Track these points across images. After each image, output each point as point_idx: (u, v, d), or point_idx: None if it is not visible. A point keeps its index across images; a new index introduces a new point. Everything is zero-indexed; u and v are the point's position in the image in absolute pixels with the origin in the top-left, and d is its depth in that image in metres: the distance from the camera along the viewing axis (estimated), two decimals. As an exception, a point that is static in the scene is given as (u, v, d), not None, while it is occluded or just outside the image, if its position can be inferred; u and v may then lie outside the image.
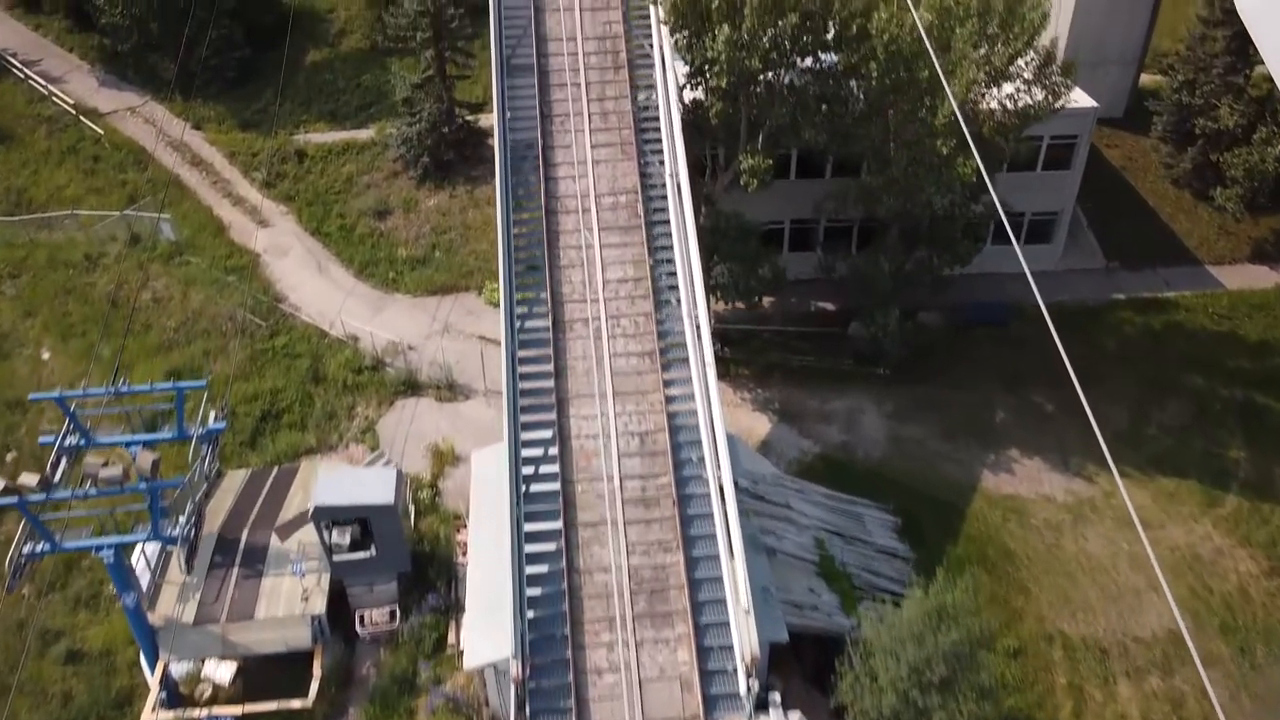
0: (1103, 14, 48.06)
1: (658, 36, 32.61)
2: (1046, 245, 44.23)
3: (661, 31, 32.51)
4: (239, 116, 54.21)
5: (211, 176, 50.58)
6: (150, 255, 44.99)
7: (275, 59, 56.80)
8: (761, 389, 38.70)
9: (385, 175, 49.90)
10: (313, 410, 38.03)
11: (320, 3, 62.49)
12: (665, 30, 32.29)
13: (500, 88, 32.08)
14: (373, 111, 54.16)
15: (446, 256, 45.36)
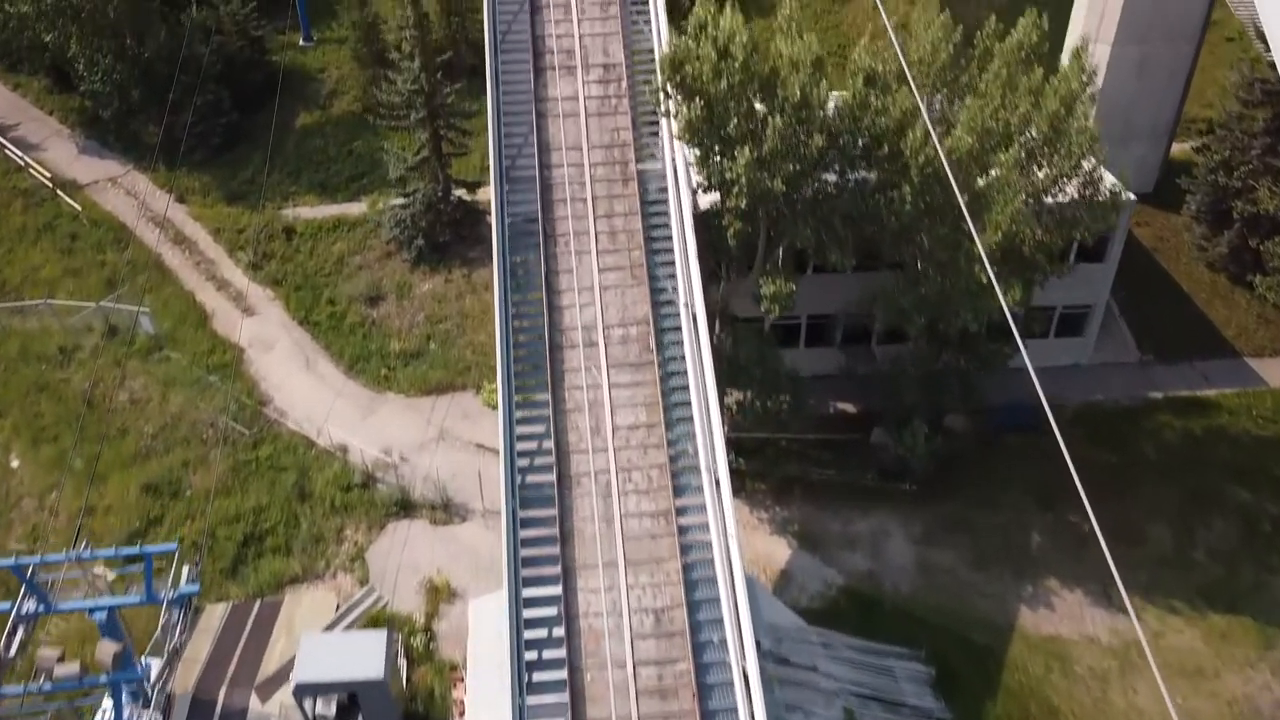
0: (1133, 88, 45.68)
1: (670, 150, 30.17)
2: (1079, 339, 41.76)
3: (673, 142, 30.07)
4: (225, 187, 51.72)
5: (195, 256, 48.06)
6: (128, 350, 42.43)
7: (264, 121, 54.35)
8: (780, 507, 36.16)
9: (378, 255, 47.40)
10: (298, 533, 35.48)
11: (310, 61, 60.07)
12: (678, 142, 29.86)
13: (500, 205, 29.59)
14: (365, 183, 51.68)
15: (442, 349, 42.84)
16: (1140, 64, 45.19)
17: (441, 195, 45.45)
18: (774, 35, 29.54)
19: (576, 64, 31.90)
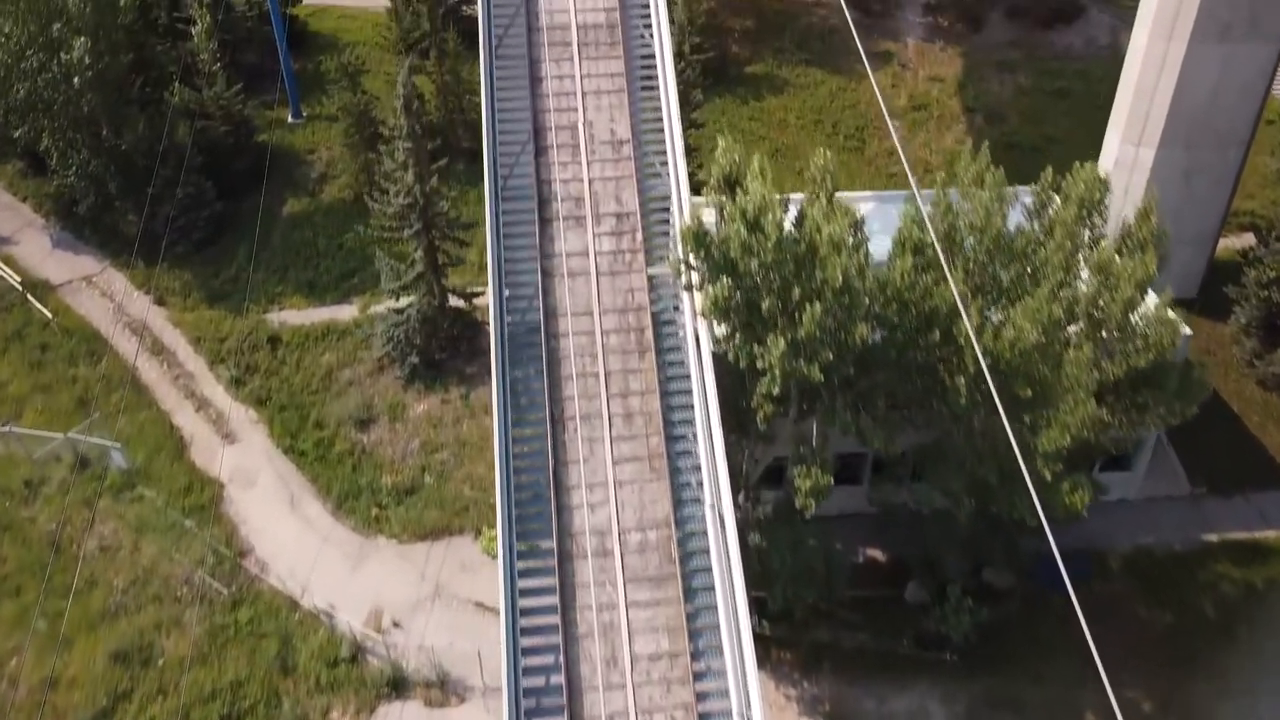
0: (1177, 194, 42.64)
1: (692, 322, 27.10)
2: (1127, 473, 38.68)
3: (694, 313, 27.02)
4: (207, 287, 48.59)
5: (174, 369, 44.92)
6: (98, 488, 39.24)
7: (250, 209, 51.36)
8: (808, 682, 33.01)
9: (369, 370, 44.28)
10: (280, 714, 32.28)
11: (299, 141, 57.01)
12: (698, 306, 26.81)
13: (502, 389, 26.45)
14: (356, 281, 48.64)
15: (438, 484, 39.67)
16: (1186, 171, 42.25)
17: (437, 308, 42.34)
18: (810, 204, 26.37)
19: (586, 213, 28.87)
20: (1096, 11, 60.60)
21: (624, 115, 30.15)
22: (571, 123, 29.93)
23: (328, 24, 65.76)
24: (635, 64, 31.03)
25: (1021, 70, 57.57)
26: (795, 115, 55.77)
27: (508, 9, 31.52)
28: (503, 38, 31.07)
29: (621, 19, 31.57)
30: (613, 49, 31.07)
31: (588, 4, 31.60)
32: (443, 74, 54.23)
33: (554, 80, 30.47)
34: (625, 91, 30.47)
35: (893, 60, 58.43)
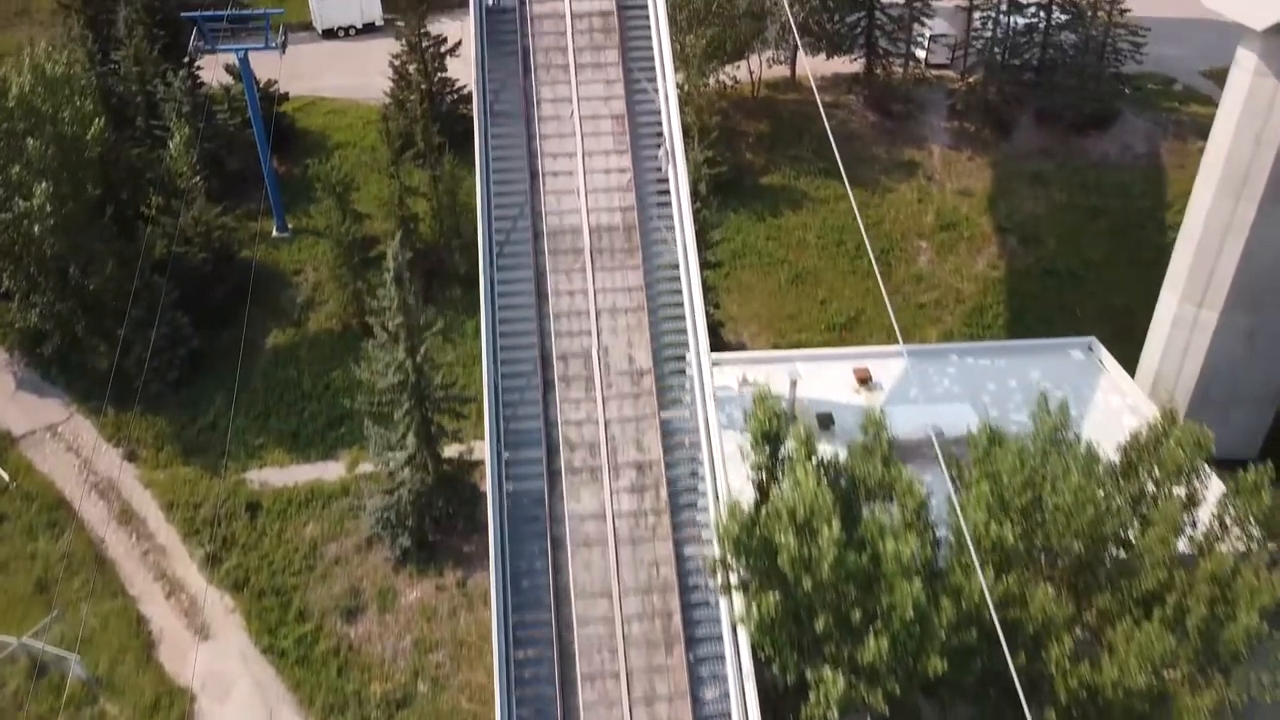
0: (1240, 355, 39.18)
1: (729, 616, 23.36)
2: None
3: (732, 604, 23.24)
4: (182, 437, 44.82)
5: (143, 542, 41.09)
6: (55, 703, 35.35)
7: (230, 341, 47.63)
8: None
9: (356, 545, 40.45)
10: None
11: (285, 258, 53.34)
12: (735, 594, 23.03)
13: (505, 693, 22.67)
14: (343, 431, 44.92)
15: (433, 693, 35.86)
16: (1250, 333, 38.71)
17: (431, 487, 38.55)
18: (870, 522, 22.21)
19: (601, 463, 25.15)
20: (1132, 115, 57.08)
21: (643, 339, 26.54)
22: (584, 349, 26.29)
23: (315, 120, 62.16)
24: (655, 274, 27.36)
25: (1055, 183, 53.99)
26: (815, 234, 52.15)
27: (510, 209, 27.89)
28: (504, 244, 27.39)
29: (639, 219, 27.92)
30: (630, 257, 27.47)
31: (601, 203, 27.97)
32: (438, 194, 50.61)
33: (564, 296, 26.79)
34: (645, 309, 26.82)
35: (918, 171, 54.84)
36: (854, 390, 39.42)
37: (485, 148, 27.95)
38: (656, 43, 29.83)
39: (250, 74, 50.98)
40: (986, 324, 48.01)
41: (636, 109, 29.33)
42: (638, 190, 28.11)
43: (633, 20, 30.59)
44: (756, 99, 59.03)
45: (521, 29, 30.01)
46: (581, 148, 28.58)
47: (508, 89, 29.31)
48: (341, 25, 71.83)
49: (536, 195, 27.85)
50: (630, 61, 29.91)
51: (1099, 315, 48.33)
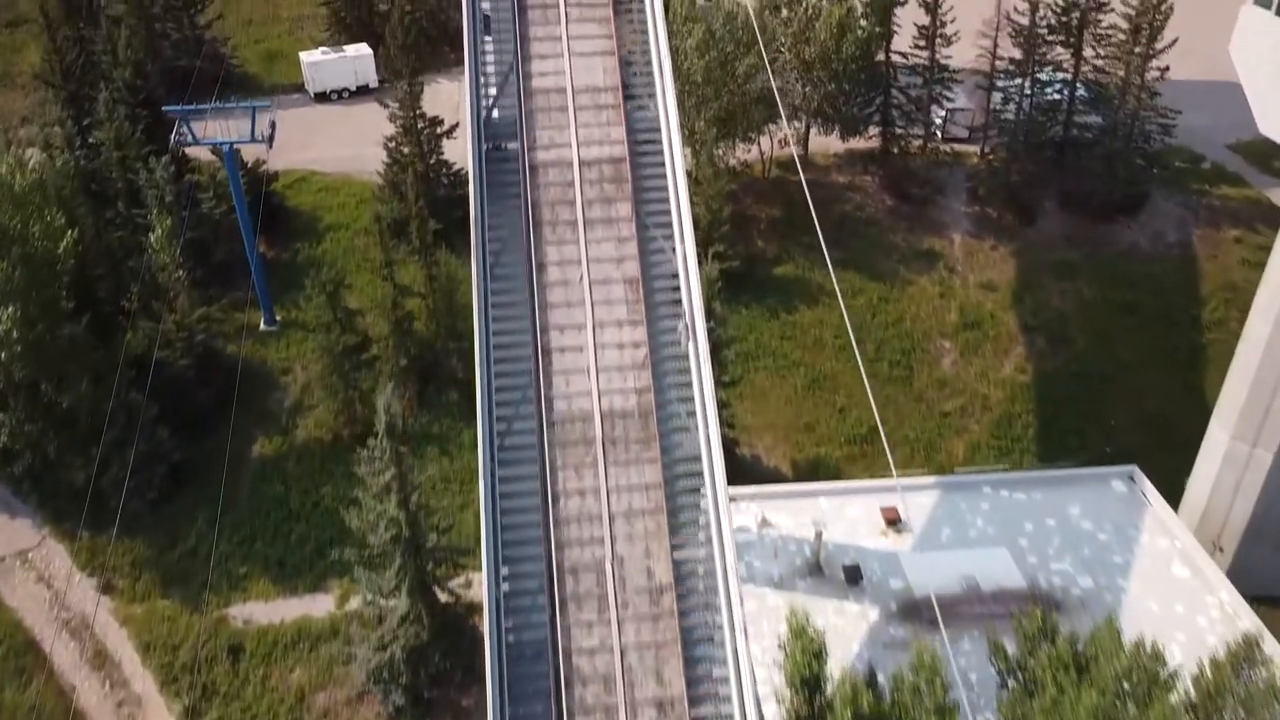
0: (1296, 494, 36.59)
1: None
2: None
3: None
4: (161, 564, 42.09)
5: (118, 690, 38.30)
6: None
7: (214, 449, 45.08)
8: None
9: (347, 696, 37.70)
10: None
11: (273, 354, 50.67)
12: None
13: None
14: (333, 559, 42.07)
15: None
16: (1309, 471, 36.12)
17: (427, 641, 35.74)
18: None
19: (617, 700, 22.37)
20: (1162, 199, 54.52)
21: (663, 548, 23.77)
22: (596, 560, 23.55)
23: (307, 198, 59.52)
24: (674, 469, 24.64)
25: (1083, 275, 51.34)
26: (832, 333, 49.44)
27: (513, 391, 25.19)
28: (506, 435, 24.68)
29: (656, 402, 25.21)
30: (646, 448, 24.76)
31: (614, 383, 25.30)
32: (433, 293, 47.90)
33: (573, 498, 24.07)
34: (663, 511, 24.08)
35: (939, 262, 52.18)
36: (881, 532, 36.80)
37: (485, 324, 25.25)
38: (674, 197, 27.18)
39: (235, 168, 48.33)
40: (1015, 435, 45.33)
41: (652, 271, 26.69)
42: (654, 368, 25.42)
43: (646, 167, 27.97)
44: (767, 179, 56.43)
45: (525, 179, 27.31)
46: (592, 318, 25.92)
47: (509, 250, 26.65)
48: (334, 88, 69.27)
49: (542, 376, 25.12)
50: (644, 215, 27.23)
51: (1134, 424, 45.76)
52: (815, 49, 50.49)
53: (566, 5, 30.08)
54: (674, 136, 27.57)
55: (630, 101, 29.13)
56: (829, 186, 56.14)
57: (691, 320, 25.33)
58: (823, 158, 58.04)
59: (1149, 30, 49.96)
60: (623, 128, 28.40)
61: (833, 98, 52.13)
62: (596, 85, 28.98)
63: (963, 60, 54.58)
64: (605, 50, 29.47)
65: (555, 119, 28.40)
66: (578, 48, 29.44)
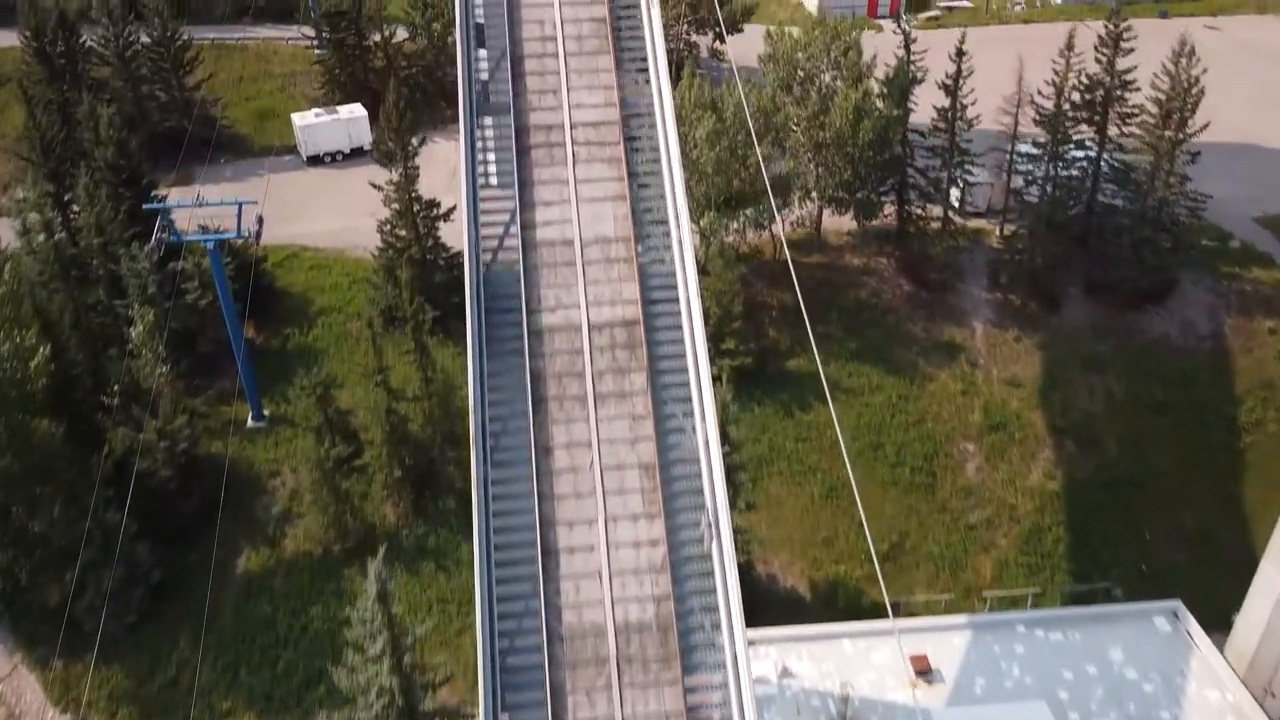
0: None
1: None
2: None
3: None
4: (140, 696, 39.76)
5: None
6: None
7: (197, 561, 42.92)
8: None
9: None
10: None
11: (260, 454, 48.15)
12: None
13: None
14: (322, 691, 39.57)
15: None
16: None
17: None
18: None
19: None
20: (1190, 284, 52.14)
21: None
22: None
23: (298, 277, 57.10)
24: (698, 694, 22.14)
25: (1112, 369, 48.92)
26: (850, 434, 46.92)
27: (516, 602, 22.69)
28: (509, 652, 22.19)
29: (676, 613, 22.73)
30: (667, 668, 22.20)
31: (630, 590, 22.82)
32: (429, 395, 45.41)
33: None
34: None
35: (960, 355, 49.72)
36: (911, 683, 34.28)
37: (485, 525, 22.75)
38: (693, 367, 24.74)
39: (221, 265, 45.86)
40: (1046, 551, 42.90)
41: (670, 455, 24.20)
42: (674, 571, 22.94)
43: (661, 332, 25.55)
44: (778, 261, 53.99)
45: (526, 349, 24.88)
46: (603, 511, 23.43)
47: (510, 432, 24.18)
48: (328, 151, 66.98)
49: (548, 583, 22.64)
50: (661, 389, 24.78)
51: (1170, 538, 43.40)
52: (830, 134, 48.13)
53: (574, 144, 27.67)
54: (693, 296, 25.15)
55: (643, 242, 26.76)
56: (843, 270, 53.75)
57: (715, 519, 22.87)
58: (836, 236, 55.66)
59: (1180, 116, 47.64)
60: (635, 284, 25.97)
61: (848, 183, 49.75)
62: (606, 235, 26.56)
63: (982, 139, 52.34)
64: (616, 195, 27.05)
65: (562, 276, 25.97)
66: (586, 192, 27.02)
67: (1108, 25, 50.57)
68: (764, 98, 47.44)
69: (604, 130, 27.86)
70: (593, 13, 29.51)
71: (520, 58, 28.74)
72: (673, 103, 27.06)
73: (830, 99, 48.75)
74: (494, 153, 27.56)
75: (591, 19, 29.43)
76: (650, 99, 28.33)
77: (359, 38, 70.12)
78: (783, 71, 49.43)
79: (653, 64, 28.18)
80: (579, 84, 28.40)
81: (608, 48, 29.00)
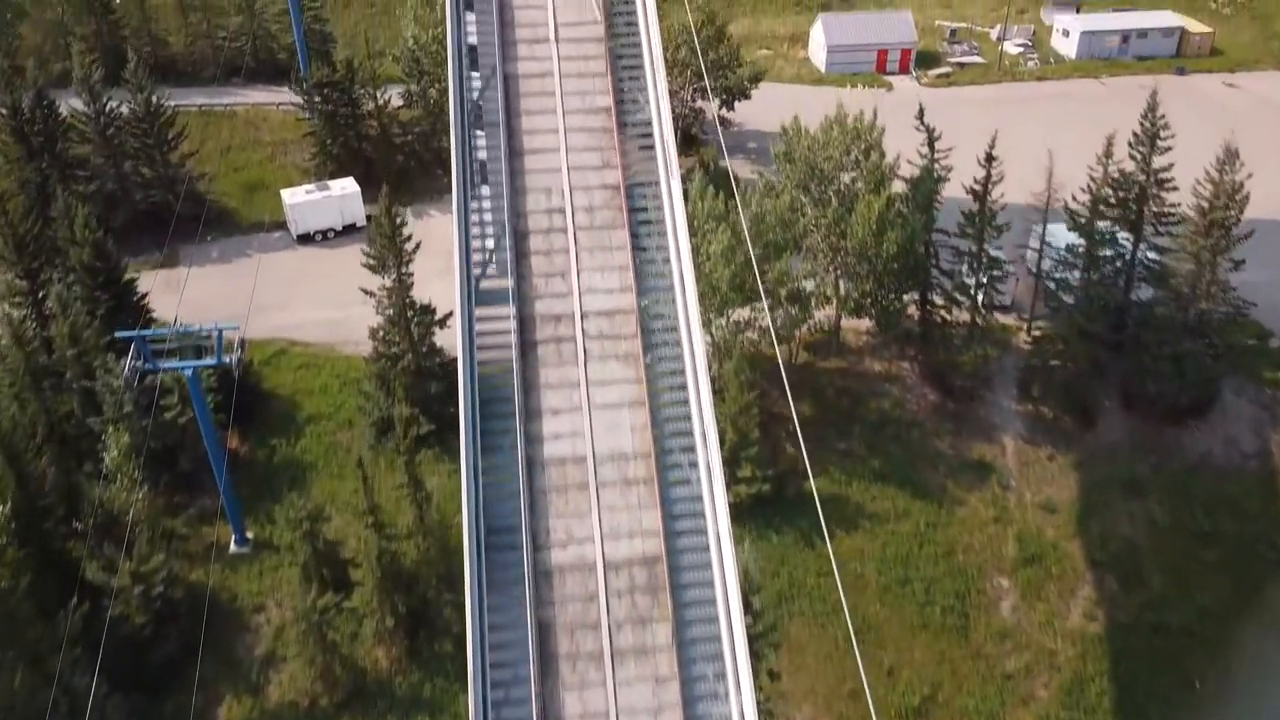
0: None
1: None
2: None
3: None
4: None
5: None
6: None
7: (174, 712, 39.57)
8: None
9: None
10: None
11: (244, 584, 45.05)
12: None
13: None
14: None
15: None
16: None
17: None
18: None
19: None
20: (1233, 396, 49.14)
21: None
22: None
23: (285, 377, 54.00)
24: None
25: (1152, 493, 45.89)
26: (875, 567, 43.90)
27: None
28: None
29: None
30: None
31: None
32: (424, 534, 42.34)
33: None
34: None
35: (990, 476, 46.65)
36: None
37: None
38: (725, 618, 21.66)
39: (200, 392, 42.79)
40: (1089, 705, 39.85)
41: None
42: None
43: (687, 572, 22.47)
44: (794, 365, 50.97)
45: (535, 592, 21.81)
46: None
47: (513, 702, 21.04)
48: (319, 229, 64.01)
49: None
50: (688, 644, 21.70)
51: (1222, 691, 40.28)
52: (853, 243, 45.18)
53: (585, 337, 24.63)
54: (724, 533, 22.10)
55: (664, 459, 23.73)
56: (863, 376, 50.69)
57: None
58: (855, 335, 52.66)
59: (1224, 226, 44.70)
60: (657, 511, 22.91)
61: (871, 294, 46.80)
62: (623, 451, 23.50)
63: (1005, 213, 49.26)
64: (634, 400, 24.02)
65: (573, 503, 22.90)
66: (599, 397, 23.98)
67: (1143, 122, 47.67)
68: (781, 205, 44.40)
69: (618, 320, 24.84)
70: (604, 179, 26.49)
71: (525, 233, 25.71)
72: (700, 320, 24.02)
73: (852, 203, 45.79)
74: (492, 350, 24.51)
75: (603, 186, 26.40)
76: (670, 280, 25.33)
77: (352, 107, 67.30)
78: (800, 174, 46.41)
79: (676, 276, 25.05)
80: (590, 264, 25.36)
81: (621, 220, 25.98)
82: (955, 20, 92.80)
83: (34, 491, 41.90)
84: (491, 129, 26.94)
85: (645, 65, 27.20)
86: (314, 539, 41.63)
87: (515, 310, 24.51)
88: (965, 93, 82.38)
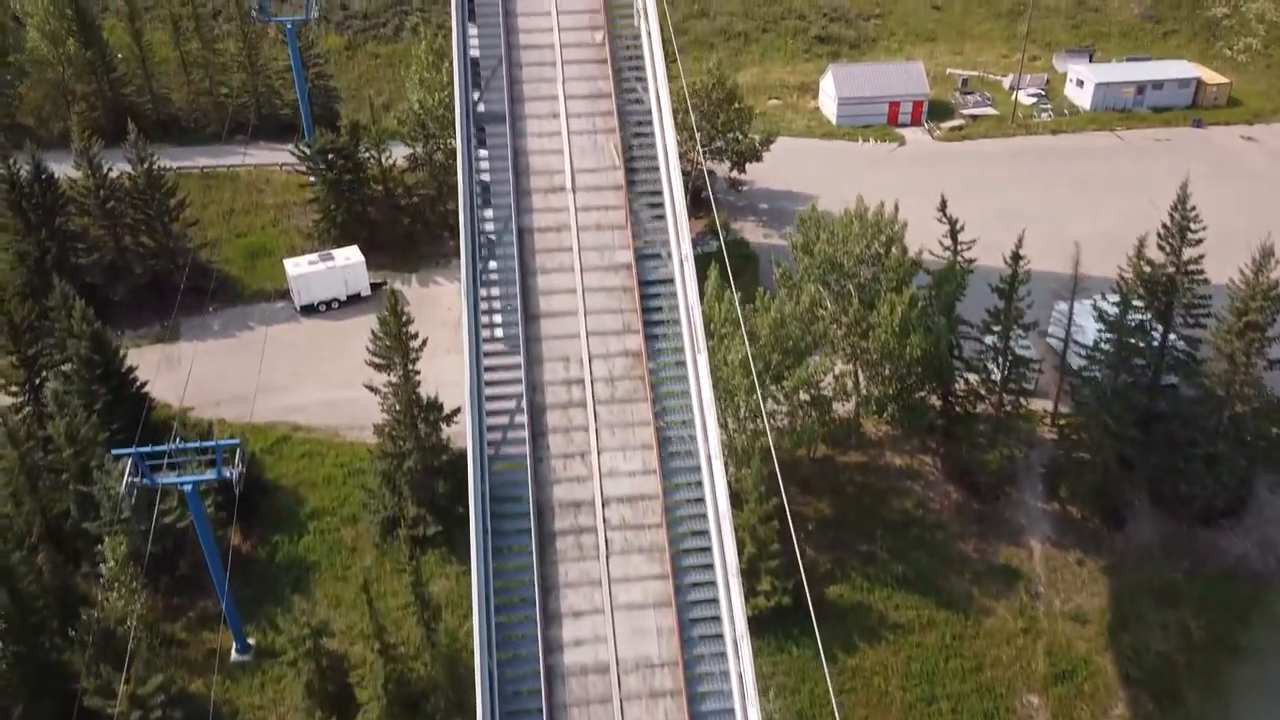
0: None
1: None
2: None
3: None
4: None
5: None
6: None
7: None
8: None
9: None
10: None
11: (245, 695, 43.48)
12: None
13: None
14: None
15: None
16: None
17: None
18: None
19: None
20: (1267, 491, 47.52)
21: None
22: None
23: (288, 467, 52.45)
24: None
25: (1187, 602, 44.22)
26: (899, 683, 42.24)
27: None
28: None
29: None
30: None
31: None
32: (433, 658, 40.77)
33: None
34: None
35: (1018, 583, 45.01)
36: None
37: None
38: None
39: (200, 508, 41.32)
40: (1126, 846, 38.19)
41: None
42: None
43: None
44: (812, 459, 49.44)
45: None
46: None
47: None
48: (323, 300, 62.61)
49: None
50: None
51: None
52: (875, 345, 43.70)
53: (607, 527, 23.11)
54: (749, 691, 20.54)
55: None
56: (884, 471, 49.11)
57: None
58: (874, 427, 51.12)
59: (1259, 328, 43.15)
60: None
61: (894, 395, 45.31)
62: (649, 659, 21.95)
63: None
64: (660, 600, 22.48)
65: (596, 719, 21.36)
66: (623, 596, 22.46)
67: (1173, 213, 46.16)
68: (801, 308, 42.90)
69: (641, 508, 23.35)
70: (625, 345, 25.03)
71: (542, 408, 24.23)
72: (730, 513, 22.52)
73: (873, 299, 44.32)
74: (510, 551, 23.01)
75: (624, 353, 24.94)
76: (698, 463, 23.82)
77: (356, 172, 65.94)
78: (818, 270, 44.94)
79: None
80: (611, 443, 23.88)
81: (643, 392, 24.50)
82: (967, 67, 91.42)
83: (26, 594, 40.59)
84: (506, 284, 25.44)
85: (670, 236, 25.74)
86: (317, 656, 40.17)
87: (532, 495, 22.95)
88: (979, 146, 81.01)
